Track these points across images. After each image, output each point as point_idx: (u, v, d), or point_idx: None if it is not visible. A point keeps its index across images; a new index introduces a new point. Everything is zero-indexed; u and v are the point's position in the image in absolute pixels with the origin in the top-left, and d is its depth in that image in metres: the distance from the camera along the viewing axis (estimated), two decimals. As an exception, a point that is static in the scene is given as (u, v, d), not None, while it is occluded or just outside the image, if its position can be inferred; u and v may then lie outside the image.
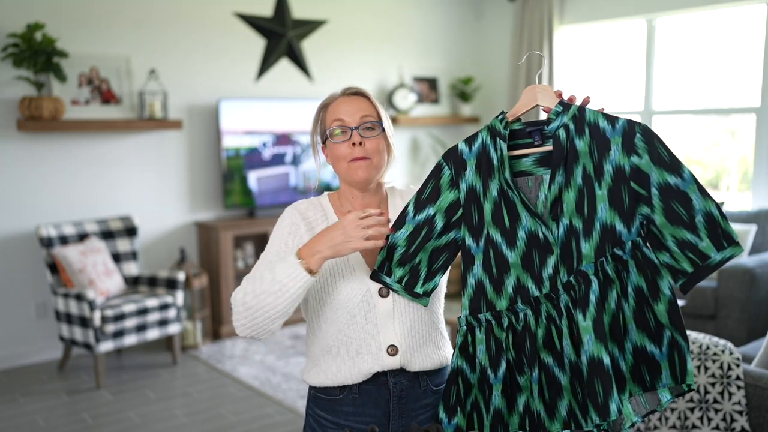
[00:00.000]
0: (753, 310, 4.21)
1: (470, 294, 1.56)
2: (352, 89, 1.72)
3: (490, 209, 1.53)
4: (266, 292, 1.50)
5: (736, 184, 5.72)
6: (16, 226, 4.56)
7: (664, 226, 1.42)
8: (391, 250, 1.58)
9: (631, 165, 1.43)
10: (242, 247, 5.36)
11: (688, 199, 1.40)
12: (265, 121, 5.34)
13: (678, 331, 1.44)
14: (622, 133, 1.45)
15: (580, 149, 1.47)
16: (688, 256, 1.42)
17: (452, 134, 6.71)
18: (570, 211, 1.47)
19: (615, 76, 6.01)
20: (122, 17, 4.86)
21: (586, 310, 1.43)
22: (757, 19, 5.04)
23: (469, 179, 1.55)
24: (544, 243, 1.49)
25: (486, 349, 1.54)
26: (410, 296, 1.59)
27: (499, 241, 1.53)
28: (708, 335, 2.54)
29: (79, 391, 4.16)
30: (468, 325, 1.57)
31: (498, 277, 1.53)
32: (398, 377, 1.65)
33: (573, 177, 1.47)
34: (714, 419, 2.36)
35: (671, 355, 1.45)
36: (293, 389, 4.10)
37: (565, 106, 1.50)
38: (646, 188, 1.43)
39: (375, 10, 6.11)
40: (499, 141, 1.52)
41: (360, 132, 1.65)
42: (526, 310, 1.51)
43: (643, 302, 1.45)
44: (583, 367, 1.43)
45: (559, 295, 1.48)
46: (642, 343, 1.46)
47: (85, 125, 4.56)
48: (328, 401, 1.68)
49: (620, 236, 1.44)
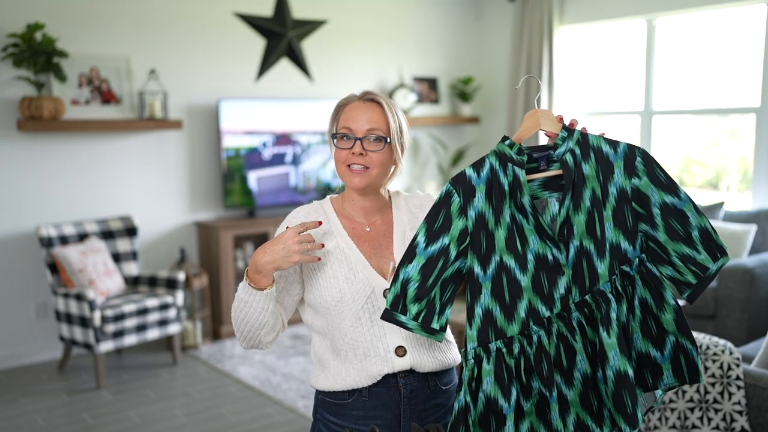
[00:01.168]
0: (753, 310, 4.21)
1: (478, 324, 1.53)
2: (369, 95, 1.70)
3: (503, 235, 1.53)
4: (236, 309, 1.64)
5: (736, 184, 5.71)
6: (16, 226, 4.57)
7: (667, 242, 1.51)
8: (405, 286, 1.54)
9: (632, 186, 1.52)
10: (242, 247, 5.36)
11: (685, 217, 1.50)
12: (265, 121, 5.34)
13: (685, 336, 1.52)
14: (624, 157, 1.52)
15: (587, 173, 1.52)
16: (691, 268, 1.51)
17: (452, 134, 6.71)
18: (580, 233, 1.52)
19: (615, 76, 6.01)
20: (122, 17, 4.86)
21: (610, 328, 1.47)
22: (757, 19, 5.04)
23: (478, 206, 1.54)
24: (554, 265, 1.52)
25: (495, 379, 1.51)
26: (426, 333, 1.55)
27: (513, 266, 1.53)
28: (708, 335, 2.54)
29: (79, 391, 4.16)
30: (476, 357, 1.53)
31: (510, 302, 1.52)
32: (408, 378, 1.65)
33: (582, 200, 1.52)
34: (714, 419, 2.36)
35: (675, 357, 1.53)
36: (293, 389, 4.10)
37: (568, 131, 1.55)
38: (647, 208, 1.51)
39: (375, 10, 6.11)
40: (511, 166, 1.53)
41: (364, 143, 1.65)
42: (539, 332, 1.51)
43: (647, 313, 1.53)
44: (609, 381, 1.47)
45: (570, 313, 1.51)
46: (646, 350, 1.54)
47: (85, 125, 4.56)
48: (337, 405, 1.67)
49: (626, 254, 1.52)
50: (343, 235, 1.69)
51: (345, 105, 1.71)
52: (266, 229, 5.26)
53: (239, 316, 1.63)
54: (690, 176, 5.99)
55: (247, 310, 1.61)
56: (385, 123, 1.67)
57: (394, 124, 1.68)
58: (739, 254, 4.53)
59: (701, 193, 5.79)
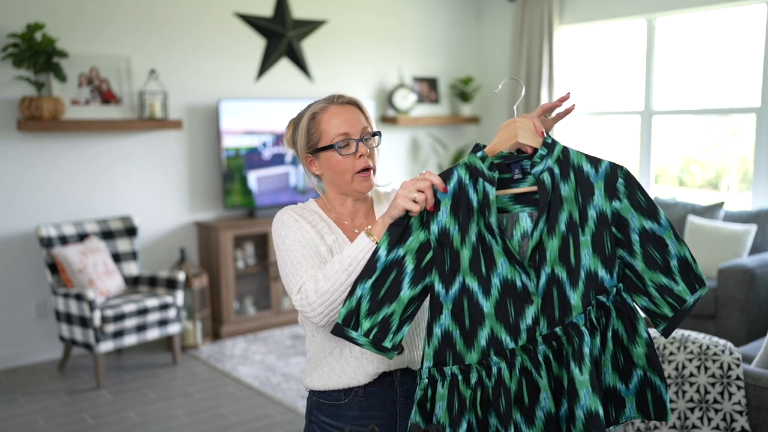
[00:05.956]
0: (753, 310, 4.21)
1: (435, 345, 1.43)
2: (344, 98, 1.66)
3: (468, 255, 1.42)
4: (338, 270, 1.48)
5: (736, 184, 5.71)
6: (16, 226, 4.57)
7: (644, 271, 1.42)
8: (359, 300, 1.43)
9: (613, 210, 1.42)
10: (242, 247, 5.36)
11: (665, 245, 1.42)
12: (265, 121, 5.34)
13: (655, 373, 1.44)
14: (605, 177, 1.43)
15: (565, 195, 1.42)
16: (667, 300, 1.43)
17: (452, 134, 6.71)
18: (552, 260, 1.41)
19: (615, 76, 6.01)
20: (122, 17, 4.86)
21: (582, 364, 1.37)
22: (757, 19, 5.04)
23: (442, 221, 1.43)
24: (522, 292, 1.41)
25: (447, 406, 1.41)
26: (377, 350, 1.44)
27: (476, 290, 1.42)
28: (708, 335, 2.54)
29: (79, 391, 4.16)
30: (430, 378, 1.44)
31: (471, 328, 1.42)
32: (404, 377, 1.64)
33: (557, 224, 1.41)
34: (714, 419, 2.36)
35: (642, 391, 1.45)
36: (293, 389, 4.10)
37: (549, 147, 1.44)
38: (626, 233, 1.42)
39: (375, 10, 6.11)
40: (482, 182, 1.42)
41: (365, 143, 1.63)
42: (500, 363, 1.40)
43: (617, 344, 1.44)
44: (579, 421, 1.37)
45: (537, 346, 1.40)
46: (613, 383, 1.46)
47: (85, 125, 4.56)
48: (332, 407, 1.65)
49: (603, 282, 1.42)
50: (338, 232, 1.67)
51: (318, 113, 1.64)
52: (266, 229, 5.26)
53: (337, 281, 1.48)
54: (690, 176, 5.98)
55: (351, 269, 1.47)
56: (366, 119, 1.66)
57: (371, 119, 1.68)
58: (739, 254, 4.53)
59: (701, 193, 5.79)
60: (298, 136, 1.67)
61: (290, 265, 1.59)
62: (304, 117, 1.66)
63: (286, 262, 1.60)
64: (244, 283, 5.42)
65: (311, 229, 1.63)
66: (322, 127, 1.63)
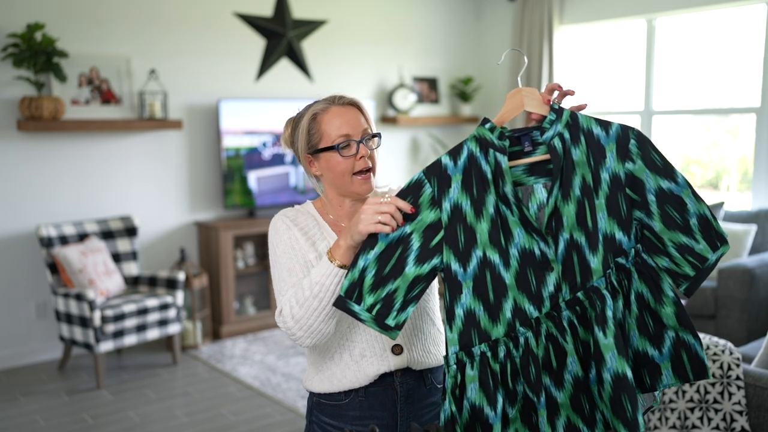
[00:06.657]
0: (753, 310, 4.21)
1: (459, 327, 1.41)
2: (345, 99, 1.65)
3: (486, 228, 1.40)
4: (309, 297, 1.48)
5: (736, 184, 5.72)
6: (16, 226, 4.56)
7: (663, 231, 1.40)
8: (362, 273, 1.41)
9: (626, 171, 1.40)
10: (242, 247, 5.36)
11: (683, 203, 1.40)
12: (265, 121, 5.34)
13: (688, 331, 1.42)
14: (617, 140, 1.41)
15: (577, 159, 1.41)
16: (688, 259, 1.41)
17: (452, 134, 6.71)
18: (570, 225, 1.40)
19: (615, 76, 6.01)
20: (122, 17, 4.86)
21: (606, 327, 1.36)
22: (757, 19, 5.04)
23: (453, 197, 1.41)
24: (542, 260, 1.40)
25: (481, 386, 1.39)
26: (379, 328, 1.42)
27: (497, 262, 1.40)
28: (708, 335, 2.54)
29: (79, 391, 4.16)
30: (458, 362, 1.41)
31: (495, 301, 1.40)
32: (405, 377, 1.64)
33: (572, 188, 1.40)
34: (714, 419, 2.36)
35: (676, 354, 1.43)
36: (293, 389, 4.10)
37: (557, 112, 1.43)
38: (641, 194, 1.40)
39: (375, 11, 6.11)
40: (493, 152, 1.41)
41: (365, 145, 1.62)
42: (526, 333, 1.40)
43: (644, 308, 1.43)
44: (606, 384, 1.36)
45: (560, 312, 1.40)
46: (643, 348, 1.44)
47: (85, 125, 4.56)
48: (333, 407, 1.65)
49: (621, 245, 1.40)
50: (332, 238, 1.66)
51: (319, 114, 1.63)
52: (266, 229, 5.25)
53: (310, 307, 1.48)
54: (690, 176, 5.98)
55: (321, 295, 1.47)
56: (366, 120, 1.65)
57: (372, 120, 1.67)
58: (739, 254, 4.53)
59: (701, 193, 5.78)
60: (298, 136, 1.66)
61: (276, 281, 1.61)
62: (305, 117, 1.65)
63: (274, 275, 1.63)
64: (244, 283, 5.42)
65: (302, 237, 1.63)
66: (323, 128, 1.62)
